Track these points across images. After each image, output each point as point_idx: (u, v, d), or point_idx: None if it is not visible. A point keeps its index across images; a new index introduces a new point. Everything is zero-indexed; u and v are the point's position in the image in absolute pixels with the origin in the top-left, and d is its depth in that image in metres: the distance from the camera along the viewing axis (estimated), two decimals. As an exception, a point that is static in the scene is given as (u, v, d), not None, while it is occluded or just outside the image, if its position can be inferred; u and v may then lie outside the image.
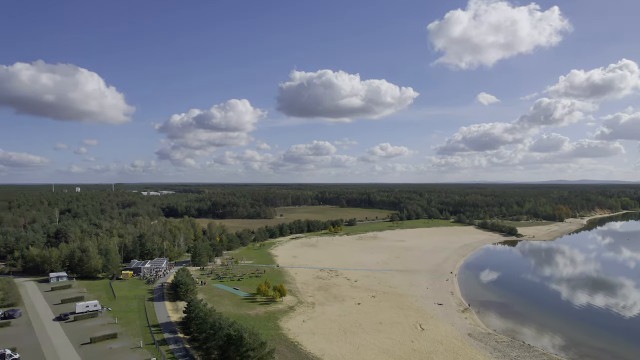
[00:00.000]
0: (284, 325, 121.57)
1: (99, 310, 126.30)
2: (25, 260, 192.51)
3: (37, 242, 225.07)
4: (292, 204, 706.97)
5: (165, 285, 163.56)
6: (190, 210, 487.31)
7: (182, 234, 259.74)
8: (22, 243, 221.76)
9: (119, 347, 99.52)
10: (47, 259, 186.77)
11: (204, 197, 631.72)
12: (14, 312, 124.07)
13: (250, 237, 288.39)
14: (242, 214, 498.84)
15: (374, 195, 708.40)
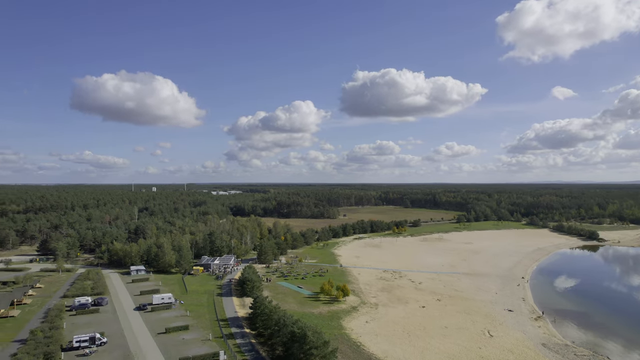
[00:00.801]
0: (347, 325, 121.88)
1: (172, 303, 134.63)
2: (110, 254, 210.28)
3: (120, 237, 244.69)
4: (355, 204, 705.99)
5: (233, 282, 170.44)
6: (257, 210, 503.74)
7: (249, 232, 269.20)
8: (108, 238, 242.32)
9: (190, 338, 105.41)
10: (128, 253, 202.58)
11: (269, 196, 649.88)
12: (101, 300, 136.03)
13: (314, 236, 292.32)
14: (306, 213, 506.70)
15: (440, 195, 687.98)
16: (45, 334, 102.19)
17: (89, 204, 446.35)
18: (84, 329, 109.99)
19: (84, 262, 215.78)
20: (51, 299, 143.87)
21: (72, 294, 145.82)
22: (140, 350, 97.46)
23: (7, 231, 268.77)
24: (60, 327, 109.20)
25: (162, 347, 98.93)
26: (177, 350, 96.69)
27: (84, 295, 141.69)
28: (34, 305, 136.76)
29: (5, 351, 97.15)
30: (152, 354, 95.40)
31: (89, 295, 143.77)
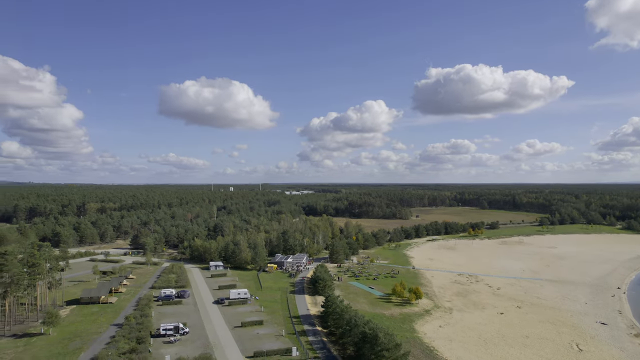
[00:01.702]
0: (420, 329, 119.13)
1: (248, 298, 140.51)
2: (191, 250, 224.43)
3: (200, 234, 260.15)
4: (429, 204, 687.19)
5: (306, 280, 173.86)
6: (328, 209, 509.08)
7: (321, 231, 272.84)
8: (189, 235, 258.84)
9: (264, 333, 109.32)
10: (207, 250, 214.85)
11: (341, 196, 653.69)
12: (184, 293, 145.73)
13: (385, 237, 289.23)
14: (378, 213, 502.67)
15: (520, 196, 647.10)
16: (137, 320, 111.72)
17: (173, 203, 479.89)
18: (169, 319, 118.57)
19: (169, 257, 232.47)
20: (141, 289, 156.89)
21: (158, 286, 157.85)
22: (219, 341, 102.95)
23: (106, 226, 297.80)
24: (149, 316, 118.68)
25: (238, 340, 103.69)
26: (252, 344, 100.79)
27: (169, 288, 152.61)
28: (127, 294, 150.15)
29: (105, 333, 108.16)
30: (229, 346, 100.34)
31: (173, 287, 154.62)
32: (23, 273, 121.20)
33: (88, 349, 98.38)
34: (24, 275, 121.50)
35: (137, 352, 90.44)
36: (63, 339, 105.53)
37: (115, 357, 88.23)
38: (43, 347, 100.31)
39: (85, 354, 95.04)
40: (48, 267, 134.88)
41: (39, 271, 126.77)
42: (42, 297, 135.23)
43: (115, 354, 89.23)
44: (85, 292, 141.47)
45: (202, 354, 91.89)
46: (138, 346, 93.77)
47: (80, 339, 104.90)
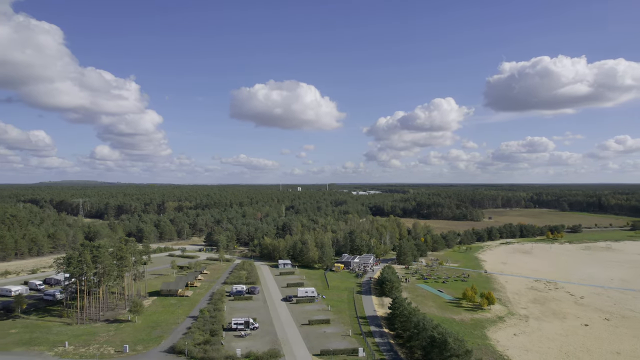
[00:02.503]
0: (492, 336, 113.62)
1: (315, 297, 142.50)
2: (261, 248, 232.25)
3: (270, 233, 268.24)
4: (502, 206, 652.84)
5: (372, 281, 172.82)
6: (396, 210, 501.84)
7: (388, 232, 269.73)
8: (259, 233, 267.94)
9: (331, 332, 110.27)
10: (276, 248, 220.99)
11: (408, 197, 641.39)
12: (254, 289, 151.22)
13: (455, 239, 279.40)
14: (447, 215, 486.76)
15: (607, 198, 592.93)
16: (211, 314, 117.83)
17: (244, 202, 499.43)
18: (239, 313, 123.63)
19: (240, 254, 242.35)
20: (215, 284, 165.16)
21: (230, 282, 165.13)
22: (287, 338, 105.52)
23: (182, 224, 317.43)
24: (222, 310, 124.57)
25: (305, 338, 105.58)
26: (319, 342, 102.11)
27: (240, 284, 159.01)
28: (202, 288, 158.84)
29: (182, 324, 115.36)
30: (297, 343, 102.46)
31: (244, 283, 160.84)
32: (113, 265, 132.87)
33: (168, 337, 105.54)
34: (114, 267, 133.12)
35: (210, 344, 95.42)
36: (146, 326, 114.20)
37: (191, 347, 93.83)
38: (130, 332, 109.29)
39: (166, 342, 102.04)
40: (133, 261, 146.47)
41: (125, 264, 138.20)
42: (129, 287, 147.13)
43: (191, 344, 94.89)
44: (164, 285, 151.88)
45: (271, 349, 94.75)
46: (211, 338, 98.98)
47: (161, 328, 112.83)
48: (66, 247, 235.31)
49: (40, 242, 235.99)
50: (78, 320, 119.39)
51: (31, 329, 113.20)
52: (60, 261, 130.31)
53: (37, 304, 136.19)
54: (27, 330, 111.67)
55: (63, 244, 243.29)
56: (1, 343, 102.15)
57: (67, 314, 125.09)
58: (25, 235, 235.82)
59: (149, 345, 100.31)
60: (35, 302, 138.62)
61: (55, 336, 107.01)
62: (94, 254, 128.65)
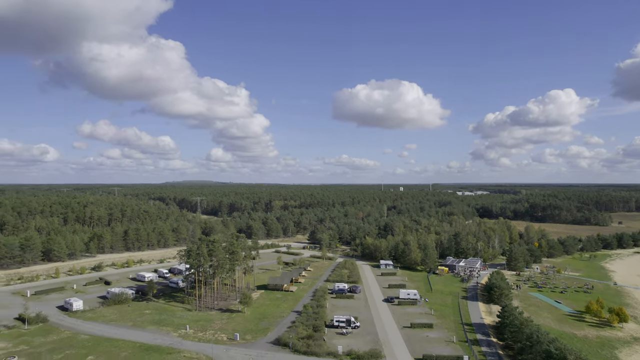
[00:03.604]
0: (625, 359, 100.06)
1: (417, 300, 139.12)
2: (363, 247, 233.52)
3: (371, 232, 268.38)
4: (636, 209, 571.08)
5: (479, 286, 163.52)
6: (506, 212, 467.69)
7: (497, 235, 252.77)
8: (361, 232, 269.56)
9: (434, 337, 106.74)
10: (377, 248, 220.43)
11: (520, 198, 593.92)
12: (356, 288, 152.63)
13: (576, 245, 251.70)
14: (566, 218, 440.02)
15: None
16: (314, 310, 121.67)
17: (346, 202, 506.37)
18: (341, 311, 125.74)
19: (342, 253, 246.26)
20: (317, 281, 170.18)
21: (332, 279, 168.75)
22: (388, 339, 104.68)
23: (288, 222, 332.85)
24: (324, 307, 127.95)
25: (407, 341, 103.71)
26: (421, 346, 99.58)
27: (342, 282, 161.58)
28: (305, 284, 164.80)
29: (287, 318, 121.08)
30: (398, 345, 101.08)
31: (346, 282, 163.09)
32: (226, 258, 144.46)
33: (274, 329, 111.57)
34: (227, 260, 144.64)
35: (313, 339, 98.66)
36: (255, 318, 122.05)
37: (295, 340, 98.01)
38: (240, 322, 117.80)
39: (272, 334, 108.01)
40: (243, 255, 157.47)
41: (236, 258, 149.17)
42: (239, 280, 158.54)
43: (295, 338, 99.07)
44: (271, 279, 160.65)
45: (372, 349, 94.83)
46: (314, 333, 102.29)
47: (267, 320, 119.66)
48: (187, 240, 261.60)
49: (166, 235, 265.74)
50: (196, 307, 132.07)
51: (160, 311, 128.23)
52: (182, 253, 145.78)
53: (164, 290, 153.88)
54: (157, 312, 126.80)
55: (184, 238, 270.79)
56: (139, 321, 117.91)
57: (188, 301, 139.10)
58: (155, 229, 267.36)
59: (256, 336, 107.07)
60: (163, 288, 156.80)
61: (178, 319, 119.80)
62: (209, 248, 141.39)
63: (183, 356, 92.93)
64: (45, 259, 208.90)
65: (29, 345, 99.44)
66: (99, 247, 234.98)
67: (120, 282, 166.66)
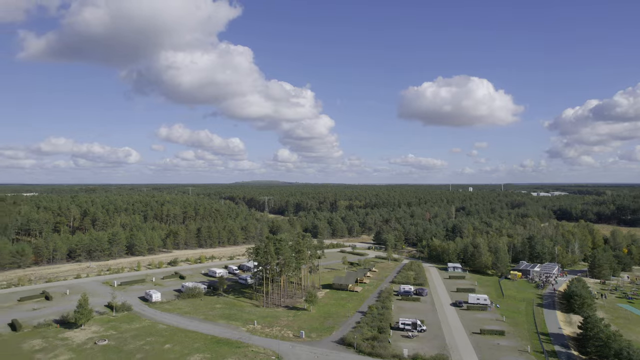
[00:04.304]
0: None
1: (488, 305, 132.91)
2: (429, 249, 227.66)
3: (438, 234, 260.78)
4: None
5: (557, 293, 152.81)
6: (587, 214, 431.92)
7: (577, 239, 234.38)
8: (428, 234, 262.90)
9: (505, 345, 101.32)
10: (445, 250, 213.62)
11: (605, 199, 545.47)
12: (422, 291, 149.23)
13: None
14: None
15: None
16: (379, 311, 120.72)
17: (412, 202, 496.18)
18: (407, 314, 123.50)
19: (408, 254, 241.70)
20: (382, 282, 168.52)
21: (398, 281, 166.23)
22: (456, 345, 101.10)
23: (353, 222, 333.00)
24: (390, 308, 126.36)
25: (476, 347, 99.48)
26: (491, 354, 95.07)
27: (408, 284, 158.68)
28: (370, 285, 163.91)
29: (352, 318, 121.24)
30: (466, 351, 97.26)
31: (412, 284, 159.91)
32: (292, 257, 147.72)
33: (338, 329, 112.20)
34: (293, 259, 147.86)
35: (378, 340, 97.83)
36: (320, 316, 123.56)
37: (359, 341, 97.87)
38: (306, 320, 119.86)
39: (336, 333, 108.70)
40: (309, 254, 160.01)
41: (302, 257, 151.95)
42: (305, 278, 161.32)
43: (360, 338, 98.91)
44: (336, 279, 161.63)
45: (439, 354, 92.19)
46: (379, 335, 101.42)
47: (332, 319, 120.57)
48: (255, 238, 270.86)
49: (235, 233, 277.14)
50: (264, 304, 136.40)
51: (229, 306, 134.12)
52: (251, 251, 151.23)
53: (233, 286, 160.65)
54: (227, 307, 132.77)
55: (252, 236, 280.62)
56: (210, 314, 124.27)
57: (256, 297, 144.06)
58: (225, 227, 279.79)
59: (321, 334, 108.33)
60: (232, 284, 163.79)
61: (247, 315, 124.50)
62: (276, 246, 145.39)
63: (251, 351, 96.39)
64: (129, 252, 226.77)
65: (116, 331, 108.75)
66: (174, 243, 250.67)
67: (194, 277, 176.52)
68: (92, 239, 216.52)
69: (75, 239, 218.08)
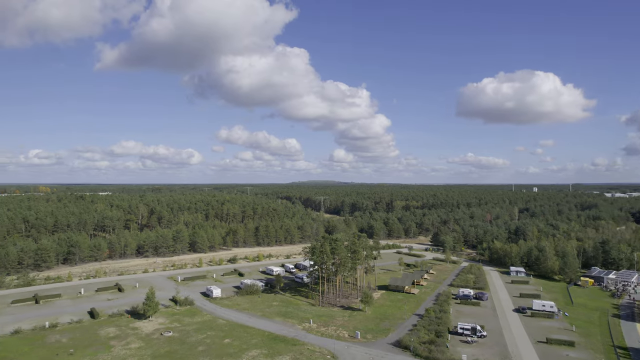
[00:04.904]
0: None
1: (554, 313, 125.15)
2: (490, 252, 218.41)
3: (500, 236, 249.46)
4: None
5: (636, 304, 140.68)
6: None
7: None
8: (488, 236, 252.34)
9: (576, 357, 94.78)
10: (507, 253, 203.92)
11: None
12: (482, 295, 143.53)
13: None
14: None
15: None
16: (437, 314, 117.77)
17: (472, 203, 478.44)
18: (466, 318, 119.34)
19: (467, 257, 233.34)
20: (440, 285, 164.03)
21: (456, 284, 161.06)
22: (519, 353, 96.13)
23: (409, 223, 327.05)
24: (448, 312, 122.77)
25: (541, 357, 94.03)
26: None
27: (467, 287, 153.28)
28: (427, 287, 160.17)
29: (408, 320, 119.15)
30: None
31: (471, 288, 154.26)
32: (348, 257, 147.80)
33: (394, 331, 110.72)
34: (348, 259, 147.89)
35: (435, 345, 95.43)
36: (375, 317, 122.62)
37: (416, 344, 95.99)
38: (361, 320, 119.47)
39: (392, 335, 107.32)
40: (365, 255, 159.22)
41: (358, 257, 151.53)
42: (360, 279, 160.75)
43: (417, 342, 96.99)
44: (392, 280, 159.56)
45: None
46: (436, 339, 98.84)
47: (388, 321, 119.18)
48: (311, 238, 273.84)
49: (292, 232, 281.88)
50: (319, 303, 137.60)
51: (286, 304, 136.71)
52: (307, 250, 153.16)
53: (290, 284, 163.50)
54: (283, 305, 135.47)
55: (308, 235, 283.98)
56: (267, 311, 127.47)
57: (312, 296, 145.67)
58: (282, 226, 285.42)
59: (377, 336, 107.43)
60: (289, 282, 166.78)
61: (303, 313, 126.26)
62: (332, 246, 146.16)
63: (307, 349, 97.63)
64: (191, 249, 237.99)
65: (180, 324, 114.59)
66: (233, 241, 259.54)
67: (252, 275, 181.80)
68: (158, 236, 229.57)
69: (143, 236, 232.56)
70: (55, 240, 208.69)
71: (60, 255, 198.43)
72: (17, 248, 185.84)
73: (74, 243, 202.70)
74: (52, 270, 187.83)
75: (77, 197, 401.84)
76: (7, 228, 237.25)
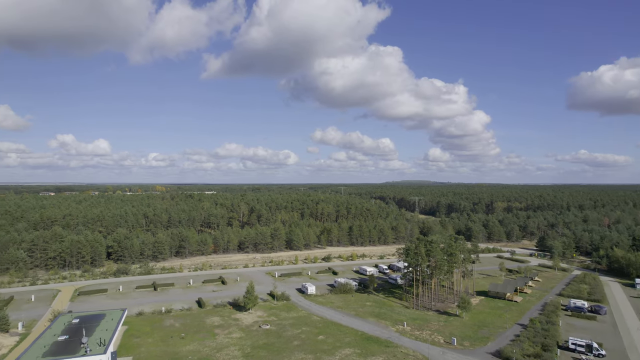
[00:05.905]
0: None
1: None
2: (609, 260, 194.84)
3: (622, 243, 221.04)
4: None
5: None
6: None
7: None
8: (607, 242, 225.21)
9: None
10: (632, 263, 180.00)
11: None
12: (599, 308, 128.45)
13: None
14: None
15: None
16: (543, 326, 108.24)
17: (585, 205, 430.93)
18: (579, 333, 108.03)
19: (579, 265, 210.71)
20: (547, 294, 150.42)
21: (567, 294, 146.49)
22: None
23: (512, 225, 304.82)
24: (556, 324, 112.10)
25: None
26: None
27: (580, 299, 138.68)
28: (532, 296, 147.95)
29: (510, 330, 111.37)
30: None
31: (585, 299, 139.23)
32: (444, 260, 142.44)
33: (494, 340, 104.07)
34: (445, 262, 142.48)
35: (541, 359, 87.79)
36: (473, 324, 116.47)
37: (519, 356, 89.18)
38: (458, 326, 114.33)
39: (492, 344, 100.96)
40: (462, 258, 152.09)
41: (455, 260, 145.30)
42: (457, 283, 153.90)
43: (520, 354, 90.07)
44: (492, 286, 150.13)
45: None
46: (543, 353, 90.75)
47: (488, 329, 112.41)
48: (405, 239, 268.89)
49: (386, 232, 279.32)
50: (414, 305, 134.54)
51: (379, 304, 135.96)
52: (401, 251, 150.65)
53: (383, 285, 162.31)
54: (376, 305, 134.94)
55: (402, 236, 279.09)
56: (360, 311, 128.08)
57: (405, 298, 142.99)
58: (376, 226, 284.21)
59: (475, 344, 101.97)
60: (382, 283, 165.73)
61: (396, 315, 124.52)
62: (427, 248, 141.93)
63: (400, 351, 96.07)
64: (288, 247, 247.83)
65: (277, 318, 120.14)
66: (328, 240, 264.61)
67: (345, 274, 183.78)
68: (257, 233, 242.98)
69: (244, 233, 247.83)
70: (169, 234, 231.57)
71: (173, 248, 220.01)
72: (139, 240, 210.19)
73: (184, 237, 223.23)
74: (167, 262, 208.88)
75: (186, 195, 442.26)
76: (132, 223, 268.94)
